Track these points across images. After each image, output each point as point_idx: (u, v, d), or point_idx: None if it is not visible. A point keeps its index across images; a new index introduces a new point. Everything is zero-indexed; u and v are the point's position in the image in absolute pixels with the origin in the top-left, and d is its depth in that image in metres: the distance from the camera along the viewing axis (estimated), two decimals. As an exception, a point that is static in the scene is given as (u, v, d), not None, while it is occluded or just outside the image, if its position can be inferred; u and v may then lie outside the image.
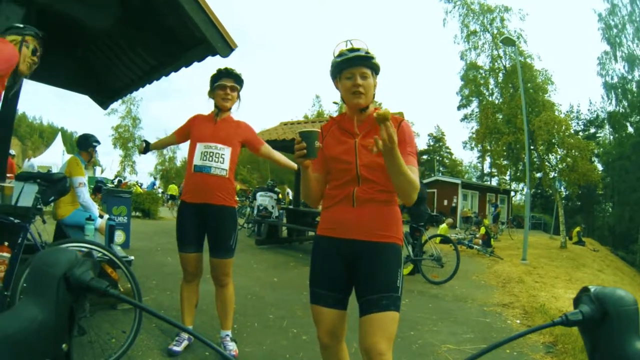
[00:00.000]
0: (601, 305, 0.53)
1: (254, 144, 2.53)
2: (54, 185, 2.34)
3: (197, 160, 2.34)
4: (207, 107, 2.53)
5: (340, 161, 1.47)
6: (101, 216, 3.55)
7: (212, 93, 2.44)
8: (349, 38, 1.49)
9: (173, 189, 19.59)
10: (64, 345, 0.53)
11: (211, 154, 2.33)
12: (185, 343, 2.43)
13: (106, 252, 2.26)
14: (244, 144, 2.52)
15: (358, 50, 1.44)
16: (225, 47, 3.13)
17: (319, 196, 1.56)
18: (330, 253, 1.48)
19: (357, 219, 1.43)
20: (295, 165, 2.54)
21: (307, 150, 1.28)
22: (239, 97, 2.49)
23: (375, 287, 1.37)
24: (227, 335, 2.48)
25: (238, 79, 2.44)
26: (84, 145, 3.70)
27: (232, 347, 2.44)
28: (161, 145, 2.78)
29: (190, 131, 2.47)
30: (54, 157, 19.33)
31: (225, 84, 2.38)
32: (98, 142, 3.79)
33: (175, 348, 2.36)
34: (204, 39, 3.09)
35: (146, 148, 2.65)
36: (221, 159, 2.35)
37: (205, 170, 2.32)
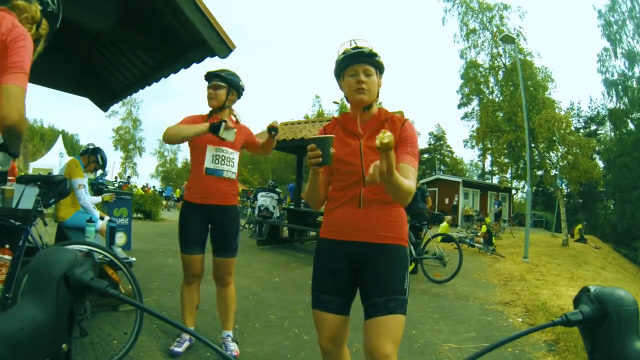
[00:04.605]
0: (601, 305, 0.53)
1: (253, 144, 2.56)
2: (54, 188, 2.34)
3: (208, 163, 2.36)
4: (206, 110, 2.53)
5: (345, 163, 1.44)
6: (102, 218, 3.56)
7: None
8: (353, 37, 1.49)
9: (178, 193, 20.93)
10: (64, 345, 0.53)
11: (222, 157, 2.38)
12: (187, 344, 2.44)
13: (107, 254, 2.26)
14: (244, 145, 2.55)
15: (362, 48, 1.43)
16: (224, 48, 3.14)
17: (324, 199, 1.54)
18: (334, 256, 1.45)
19: (364, 220, 1.40)
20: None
21: (322, 158, 1.25)
22: (234, 94, 2.43)
23: (382, 290, 1.34)
24: (229, 335, 2.49)
25: (220, 77, 2.38)
26: (83, 152, 3.85)
27: (234, 348, 2.44)
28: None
29: None
30: (54, 160, 19.47)
31: (209, 85, 2.41)
32: (93, 148, 3.84)
33: (177, 349, 2.37)
34: (202, 40, 3.10)
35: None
36: (231, 162, 2.42)
37: (217, 173, 2.37)
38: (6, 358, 0.44)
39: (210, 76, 2.42)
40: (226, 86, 2.41)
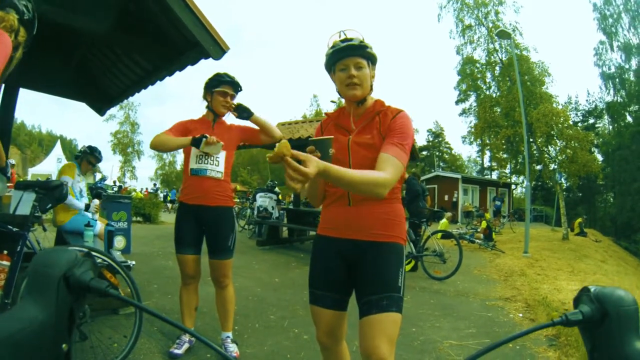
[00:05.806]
0: (601, 305, 0.53)
1: (252, 137, 2.54)
2: (51, 193, 2.35)
3: (193, 164, 2.36)
4: (202, 110, 2.52)
5: (334, 159, 1.41)
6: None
7: (209, 96, 2.42)
8: (343, 29, 1.43)
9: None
10: (64, 346, 0.54)
11: (207, 156, 2.36)
12: (187, 346, 2.43)
13: (105, 258, 2.26)
14: (243, 142, 2.55)
15: (351, 40, 1.37)
16: (218, 49, 3.12)
17: (322, 196, 1.53)
18: (329, 253, 1.46)
19: (355, 218, 1.39)
20: (278, 134, 2.44)
21: (321, 159, 1.22)
22: None
23: (375, 288, 1.32)
24: (228, 337, 2.49)
25: (238, 89, 2.45)
26: (75, 156, 3.89)
27: (233, 349, 2.44)
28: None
29: (186, 135, 2.47)
30: (53, 165, 19.51)
31: (227, 92, 2.39)
32: (86, 149, 3.85)
33: (177, 351, 2.36)
34: (196, 42, 3.08)
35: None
36: (216, 161, 2.38)
37: (201, 172, 2.35)
38: (6, 358, 0.44)
39: (230, 82, 2.39)
40: (235, 95, 2.45)
